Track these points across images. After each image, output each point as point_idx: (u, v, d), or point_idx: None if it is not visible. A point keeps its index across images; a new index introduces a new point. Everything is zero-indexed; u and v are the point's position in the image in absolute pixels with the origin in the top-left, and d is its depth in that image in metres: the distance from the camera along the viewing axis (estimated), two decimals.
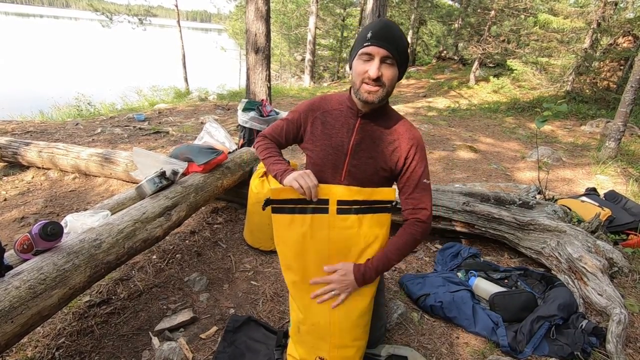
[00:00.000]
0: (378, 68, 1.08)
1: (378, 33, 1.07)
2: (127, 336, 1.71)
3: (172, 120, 5.82)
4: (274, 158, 1.28)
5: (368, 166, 1.23)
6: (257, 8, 4.87)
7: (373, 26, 1.09)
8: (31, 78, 14.36)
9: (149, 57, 24.45)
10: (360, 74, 1.11)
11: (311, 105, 1.29)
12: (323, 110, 1.27)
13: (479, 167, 4.66)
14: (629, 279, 2.16)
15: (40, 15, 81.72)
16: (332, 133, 1.24)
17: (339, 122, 1.24)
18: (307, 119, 1.29)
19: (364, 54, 1.09)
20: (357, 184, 1.23)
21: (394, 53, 1.08)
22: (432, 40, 19.05)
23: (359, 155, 1.23)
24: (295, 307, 1.31)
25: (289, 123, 1.32)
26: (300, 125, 1.31)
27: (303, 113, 1.29)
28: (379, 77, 1.09)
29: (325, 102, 1.29)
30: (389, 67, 1.10)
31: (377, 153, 1.23)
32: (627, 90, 4.81)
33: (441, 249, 2.48)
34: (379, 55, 1.07)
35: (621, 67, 8.68)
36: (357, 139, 1.22)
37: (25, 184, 3.27)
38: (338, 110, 1.26)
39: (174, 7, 11.62)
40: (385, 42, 1.07)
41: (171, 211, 1.99)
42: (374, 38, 1.07)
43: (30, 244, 1.38)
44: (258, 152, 1.34)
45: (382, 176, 1.25)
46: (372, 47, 1.07)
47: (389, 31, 1.08)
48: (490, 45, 10.78)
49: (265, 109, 3.35)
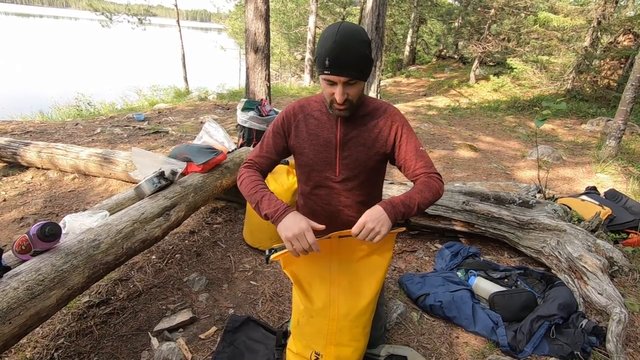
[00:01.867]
0: (342, 93, 1.10)
1: (334, 61, 1.04)
2: (126, 337, 1.71)
3: (172, 120, 5.82)
4: (261, 192, 1.17)
5: (360, 154, 1.25)
6: (256, 7, 4.86)
7: (330, 50, 1.04)
8: (31, 78, 14.37)
9: (149, 57, 24.44)
10: (328, 95, 1.14)
11: (292, 110, 1.30)
12: (305, 114, 1.28)
13: (479, 166, 4.65)
14: (629, 278, 2.15)
15: (40, 15, 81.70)
16: (317, 132, 1.26)
17: (322, 120, 1.26)
18: (290, 125, 1.29)
19: (326, 80, 1.11)
20: (352, 173, 1.26)
21: (355, 75, 1.08)
22: (432, 39, 19.02)
23: (348, 146, 1.25)
24: (297, 297, 1.30)
25: (275, 135, 1.31)
26: (285, 133, 1.30)
27: (285, 120, 1.29)
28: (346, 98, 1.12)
29: (304, 105, 1.30)
30: (353, 86, 1.11)
31: (365, 139, 1.25)
32: (628, 88, 4.80)
33: (441, 249, 2.47)
34: (341, 82, 1.08)
35: (622, 65, 8.66)
36: (343, 131, 1.24)
37: (25, 185, 3.27)
38: (318, 110, 1.28)
39: (174, 6, 11.61)
40: (344, 70, 1.06)
41: (170, 211, 1.99)
42: (332, 67, 1.05)
43: (29, 244, 1.38)
44: (241, 188, 1.23)
45: (376, 160, 1.27)
46: (332, 77, 1.07)
47: (344, 55, 1.04)
48: (490, 43, 10.77)
49: (265, 109, 3.35)
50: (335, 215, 1.34)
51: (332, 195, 1.31)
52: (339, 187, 1.29)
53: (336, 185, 1.29)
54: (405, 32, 17.48)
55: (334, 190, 1.30)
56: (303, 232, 1.05)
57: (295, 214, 1.10)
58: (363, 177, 1.29)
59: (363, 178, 1.29)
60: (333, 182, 1.29)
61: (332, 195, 1.31)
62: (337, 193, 1.31)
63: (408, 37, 16.31)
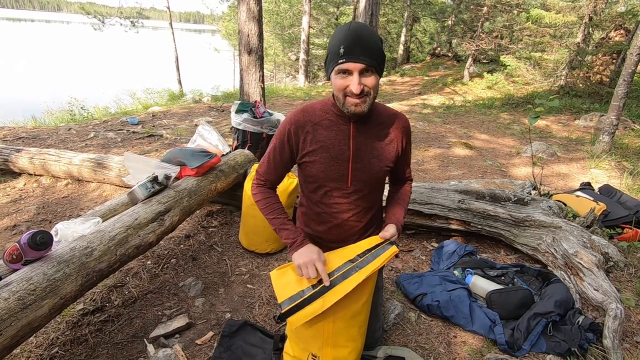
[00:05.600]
0: (359, 83, 1.03)
1: (350, 46, 1.01)
2: (122, 344, 1.69)
3: (166, 123, 5.79)
4: (279, 220, 1.26)
5: (372, 166, 1.23)
6: (249, 8, 4.84)
7: (344, 38, 1.02)
8: (24, 83, 14.25)
9: (143, 60, 24.33)
10: (342, 89, 1.07)
11: (296, 121, 1.21)
12: (312, 123, 1.20)
13: (475, 163, 4.66)
14: (625, 273, 2.16)
15: (32, 20, 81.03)
16: (328, 144, 1.19)
17: (332, 131, 1.19)
18: (297, 137, 1.21)
19: (341, 70, 1.04)
20: (364, 185, 1.25)
21: (372, 63, 1.03)
22: (426, 38, 19.04)
23: (361, 158, 1.21)
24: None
25: (282, 149, 1.24)
26: (292, 146, 1.23)
27: (293, 133, 1.21)
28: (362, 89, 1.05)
29: (309, 114, 1.21)
30: (369, 76, 1.05)
31: (379, 151, 1.23)
32: (620, 84, 4.83)
33: (438, 248, 2.47)
34: (357, 69, 1.02)
35: (614, 60, 8.71)
36: (356, 144, 1.19)
37: (17, 191, 3.24)
38: (327, 119, 1.20)
39: (166, 8, 11.55)
40: (361, 56, 1.01)
41: (164, 216, 1.97)
42: (347, 54, 1.01)
43: (19, 254, 1.36)
44: (260, 208, 1.30)
45: (386, 170, 1.27)
46: (348, 64, 1.02)
47: (361, 41, 1.01)
48: (483, 41, 10.81)
49: (259, 110, 3.33)
50: (343, 222, 1.31)
51: (342, 205, 1.28)
52: (349, 197, 1.26)
53: (346, 195, 1.26)
54: (399, 30, 17.51)
55: (344, 199, 1.27)
56: (313, 262, 1.15)
57: (309, 247, 1.20)
58: (372, 187, 1.28)
59: (372, 188, 1.28)
60: (344, 192, 1.25)
61: (341, 205, 1.28)
62: (347, 202, 1.27)
63: (402, 35, 16.32)
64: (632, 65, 4.67)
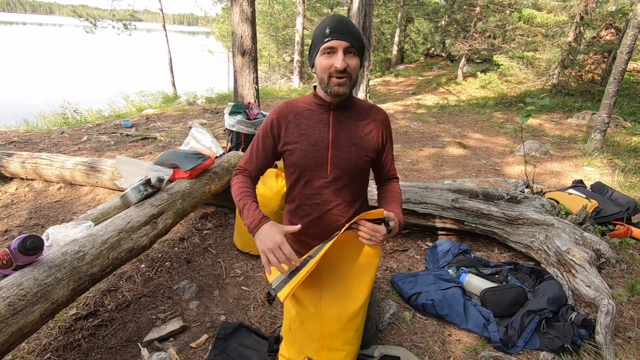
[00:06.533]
0: (343, 59, 1.12)
1: (336, 27, 1.12)
2: (116, 348, 1.68)
3: (160, 125, 5.76)
4: (244, 200, 1.24)
5: (352, 154, 1.27)
6: (242, 10, 4.84)
7: (329, 22, 1.14)
8: (16, 87, 14.11)
9: (136, 62, 24.20)
10: (326, 68, 1.15)
11: (279, 111, 1.30)
12: (294, 113, 1.28)
13: (469, 162, 4.69)
14: (617, 269, 2.18)
15: (24, 23, 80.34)
16: (309, 132, 1.26)
17: (313, 120, 1.27)
18: (280, 126, 1.29)
19: (327, 48, 1.14)
20: (343, 173, 1.28)
21: (354, 43, 1.14)
22: (420, 38, 19.14)
23: (340, 145, 1.26)
24: (288, 302, 1.29)
25: (264, 139, 1.32)
26: (274, 136, 1.30)
27: (275, 122, 1.29)
28: (345, 68, 1.13)
29: (292, 106, 1.30)
30: (352, 57, 1.15)
31: (357, 140, 1.28)
32: (611, 82, 4.88)
33: (432, 247, 2.48)
34: (341, 47, 1.13)
35: (605, 59, 8.81)
36: (335, 131, 1.26)
37: (9, 196, 3.20)
38: (308, 109, 1.28)
39: (159, 11, 11.50)
40: (345, 35, 1.12)
41: (157, 219, 1.96)
42: (333, 33, 1.12)
43: (10, 259, 1.34)
44: (232, 194, 1.30)
45: (366, 160, 1.31)
46: (333, 41, 1.12)
47: (345, 24, 1.14)
48: (476, 41, 10.89)
49: (252, 112, 3.33)
50: (325, 214, 1.33)
51: (323, 195, 1.31)
52: (329, 186, 1.29)
53: (327, 184, 1.29)
54: (392, 31, 17.57)
55: (324, 189, 1.30)
56: (277, 246, 1.09)
57: (270, 226, 1.14)
58: (353, 176, 1.30)
59: (353, 177, 1.31)
60: (324, 181, 1.29)
61: (322, 195, 1.31)
62: (328, 192, 1.30)
63: (396, 36, 16.39)
64: (623, 63, 4.72)
